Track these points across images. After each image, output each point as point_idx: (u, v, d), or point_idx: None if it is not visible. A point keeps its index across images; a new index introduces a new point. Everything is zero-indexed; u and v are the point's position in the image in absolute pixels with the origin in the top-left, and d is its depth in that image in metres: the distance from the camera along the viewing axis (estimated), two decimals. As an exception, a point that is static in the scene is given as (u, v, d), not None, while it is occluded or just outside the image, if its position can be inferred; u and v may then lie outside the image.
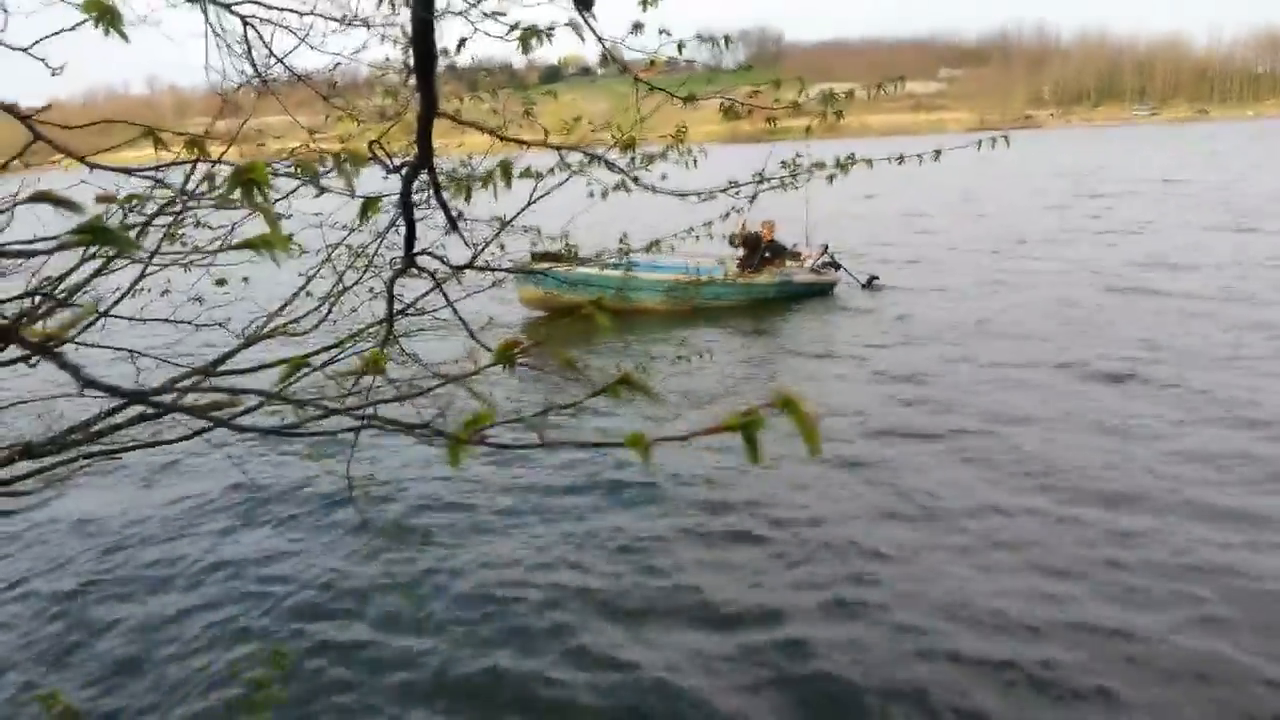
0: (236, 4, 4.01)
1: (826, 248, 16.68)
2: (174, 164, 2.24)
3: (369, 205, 1.46)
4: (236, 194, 0.78)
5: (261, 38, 4.13)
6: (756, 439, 0.80)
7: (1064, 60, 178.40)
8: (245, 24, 4.12)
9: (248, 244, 0.80)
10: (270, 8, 3.96)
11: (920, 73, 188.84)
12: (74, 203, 0.77)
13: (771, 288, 15.57)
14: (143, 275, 3.58)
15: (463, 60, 2.62)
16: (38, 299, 3.32)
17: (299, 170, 1.40)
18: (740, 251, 15.89)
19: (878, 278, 16.51)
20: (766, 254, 15.89)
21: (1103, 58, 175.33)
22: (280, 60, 4.21)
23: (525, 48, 1.43)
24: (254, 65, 4.24)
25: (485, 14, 1.71)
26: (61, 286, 3.17)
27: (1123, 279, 15.69)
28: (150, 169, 1.95)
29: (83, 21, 1.02)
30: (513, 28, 1.52)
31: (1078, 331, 12.16)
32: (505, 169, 1.66)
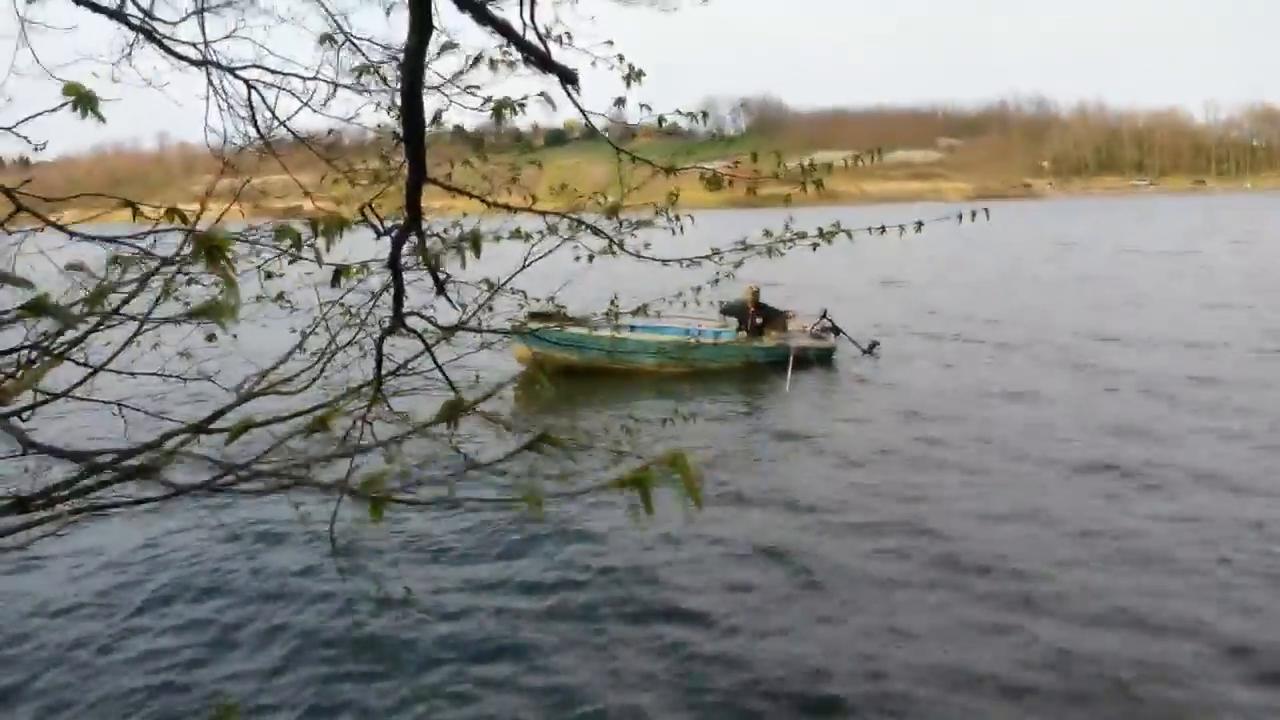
0: (241, 68, 4.12)
1: (825, 313, 16.68)
2: (155, 231, 2.28)
3: (341, 272, 1.48)
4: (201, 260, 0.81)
5: (265, 101, 4.22)
6: (649, 493, 0.82)
7: (1063, 131, 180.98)
8: (250, 87, 4.22)
9: (196, 313, 0.83)
10: (274, 72, 4.05)
11: (919, 142, 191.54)
12: (27, 282, 0.80)
13: (767, 352, 15.45)
14: (139, 332, 3.62)
15: (464, 122, 2.67)
16: (33, 354, 3.34)
17: (278, 235, 1.43)
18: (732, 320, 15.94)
19: (879, 344, 16.39)
20: (758, 319, 15.93)
21: (1101, 130, 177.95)
22: (283, 123, 4.30)
23: (499, 118, 1.47)
24: (257, 127, 4.32)
25: (460, 89, 1.76)
26: (58, 341, 3.19)
27: (1123, 355, 15.75)
28: (132, 235, 1.99)
29: (63, 104, 1.06)
30: (486, 100, 1.57)
31: (1079, 414, 12.14)
32: (475, 239, 1.69)
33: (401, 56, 1.53)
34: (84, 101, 1.05)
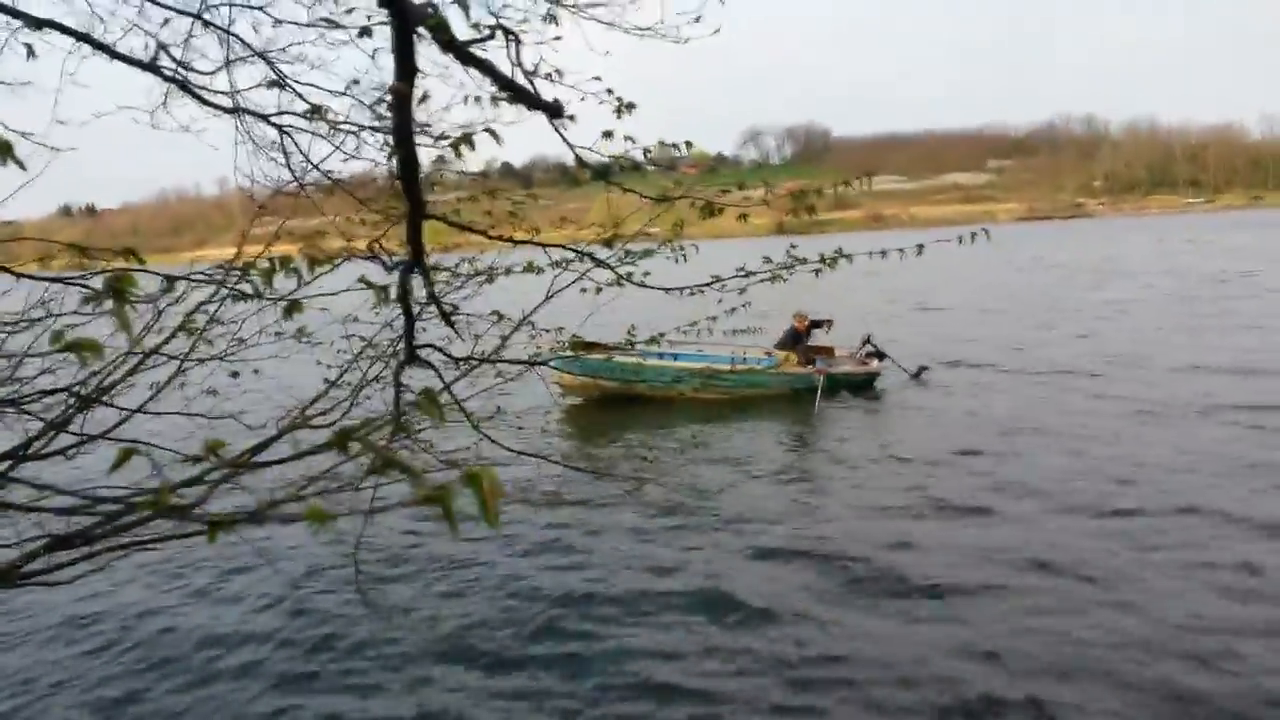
0: (273, 115, 4.27)
1: (869, 338, 16.56)
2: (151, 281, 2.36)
3: (293, 307, 1.54)
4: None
5: (296, 145, 4.37)
6: (450, 509, 0.85)
7: (1114, 150, 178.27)
8: (282, 132, 4.37)
9: (64, 347, 0.87)
10: (304, 116, 4.19)
11: (969, 164, 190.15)
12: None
13: (810, 379, 15.23)
14: (179, 372, 3.75)
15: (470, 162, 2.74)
16: (69, 399, 3.47)
17: (244, 272, 1.49)
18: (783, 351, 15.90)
19: (928, 368, 16.19)
20: (807, 344, 15.90)
21: (1154, 147, 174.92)
22: (315, 166, 4.44)
23: (458, 153, 1.53)
24: (291, 169, 4.47)
25: (432, 135, 1.82)
26: (91, 386, 3.32)
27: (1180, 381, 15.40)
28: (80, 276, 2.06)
29: None
30: (439, 138, 1.62)
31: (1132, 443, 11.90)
32: (490, 273, 1.74)
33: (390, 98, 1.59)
34: (2, 149, 1.12)
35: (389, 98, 1.65)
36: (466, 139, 1.48)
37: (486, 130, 1.49)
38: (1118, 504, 8.61)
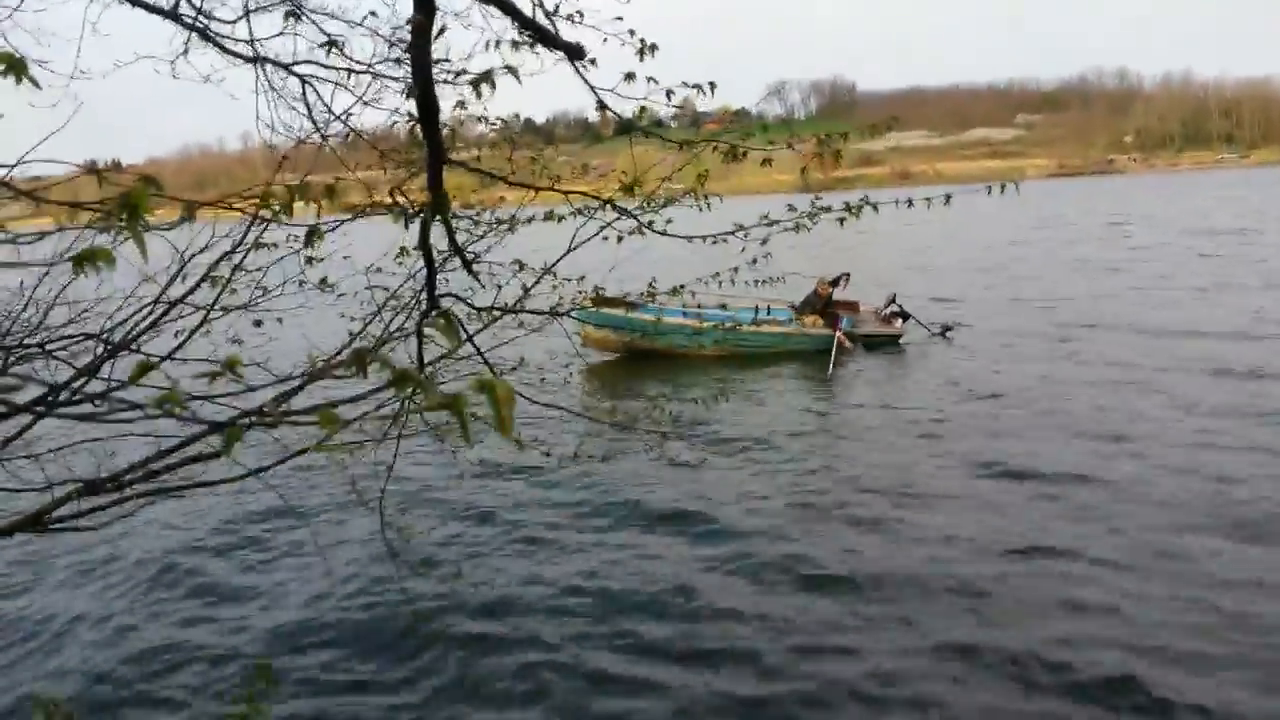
0: (295, 64, 4.22)
1: (894, 298, 16.44)
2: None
3: (313, 233, 1.52)
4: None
5: (319, 95, 4.33)
6: (464, 417, 0.85)
7: (1147, 105, 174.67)
8: (304, 83, 4.33)
9: (80, 258, 0.87)
10: (327, 66, 4.15)
11: (998, 119, 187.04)
12: None
13: (828, 339, 15.19)
14: (204, 323, 3.77)
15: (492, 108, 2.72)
16: (98, 347, 3.51)
17: (262, 201, 1.47)
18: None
19: (951, 327, 16.07)
20: (829, 308, 15.82)
21: (1188, 102, 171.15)
22: (338, 117, 4.40)
23: (478, 93, 1.50)
24: (313, 121, 4.44)
25: (457, 73, 1.80)
26: (117, 335, 3.34)
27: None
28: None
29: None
30: (459, 74, 1.60)
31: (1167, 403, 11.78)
32: (513, 222, 1.72)
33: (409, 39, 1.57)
34: (14, 68, 1.10)
35: (409, 37, 1.62)
36: (487, 77, 1.45)
37: (507, 69, 1.46)
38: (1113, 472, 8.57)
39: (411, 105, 2.97)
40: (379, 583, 6.71)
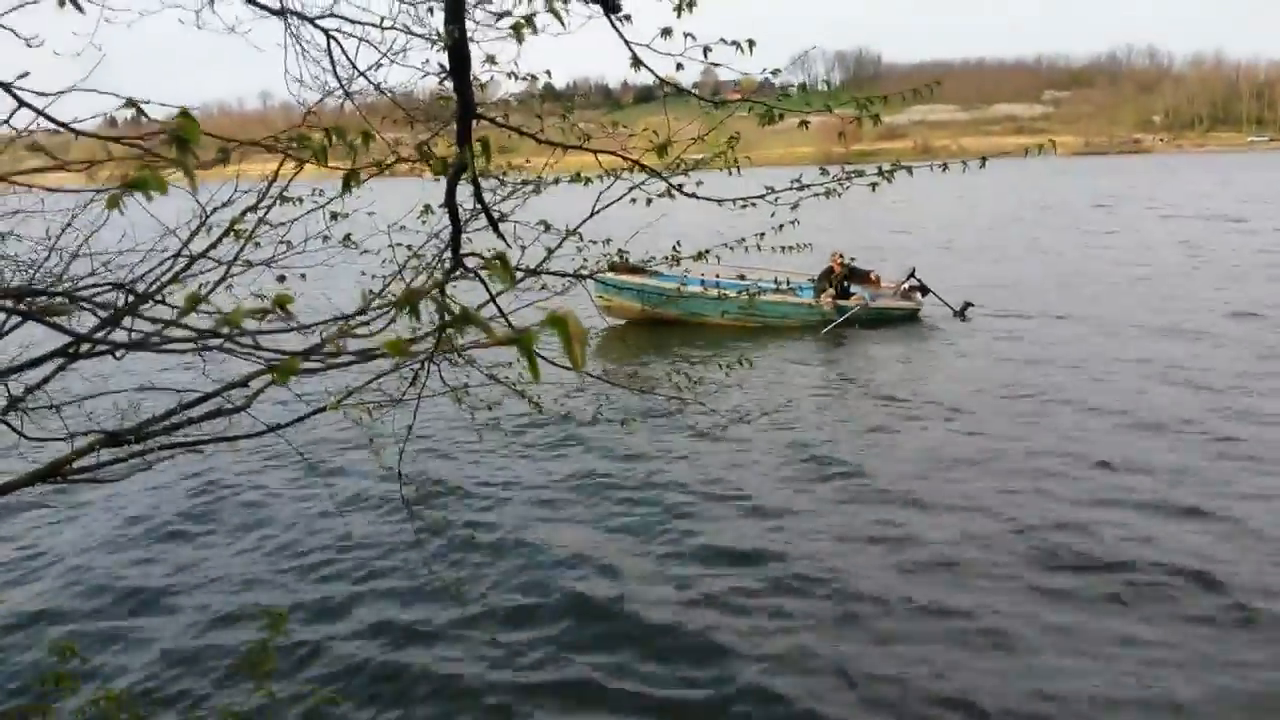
0: (320, 17, 4.18)
1: (913, 272, 16.33)
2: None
3: (350, 178, 1.50)
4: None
5: (344, 51, 4.29)
6: (532, 353, 0.83)
7: (1176, 85, 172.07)
8: (329, 37, 4.29)
9: (130, 184, 0.85)
10: (353, 21, 4.11)
11: (1024, 96, 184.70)
12: None
13: (847, 309, 15.31)
14: (226, 276, 3.76)
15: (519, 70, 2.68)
16: (123, 297, 3.50)
17: (299, 143, 1.45)
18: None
19: (972, 305, 15.96)
20: (845, 282, 15.72)
21: (1218, 82, 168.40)
22: (363, 74, 4.36)
23: (519, 37, 1.47)
24: (337, 77, 4.40)
25: (489, 11, 1.76)
26: (142, 287, 3.34)
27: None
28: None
29: None
30: (501, 15, 1.56)
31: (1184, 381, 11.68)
32: (538, 182, 1.69)
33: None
34: None
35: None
36: (529, 21, 1.42)
37: (551, 10, 1.42)
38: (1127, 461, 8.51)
39: (439, 59, 2.94)
40: (395, 541, 6.77)
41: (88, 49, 3.63)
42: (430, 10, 2.70)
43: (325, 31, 4.14)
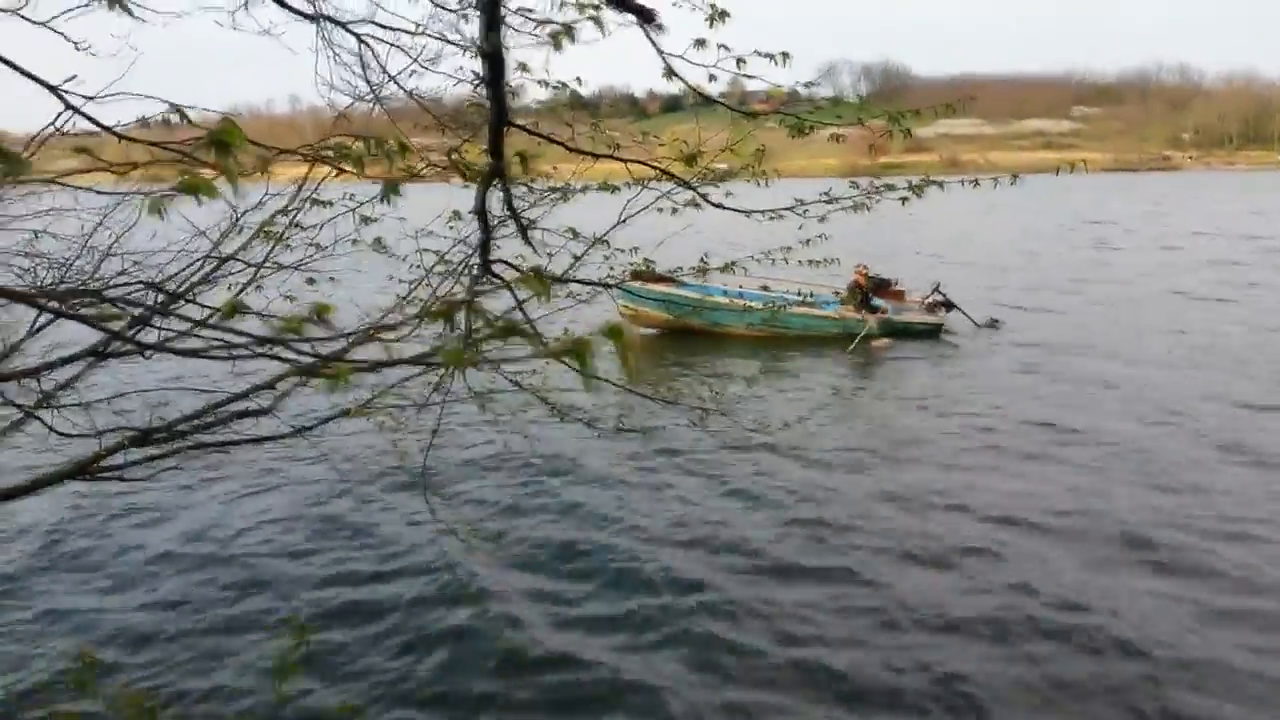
0: (353, 22, 4.21)
1: (938, 286, 16.24)
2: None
3: (389, 189, 1.51)
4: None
5: (376, 57, 4.32)
6: (588, 361, 0.84)
7: (1207, 102, 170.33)
8: (361, 42, 4.32)
9: (181, 188, 0.86)
10: (385, 27, 4.14)
11: (1053, 111, 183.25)
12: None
13: (859, 325, 15.12)
14: (255, 278, 3.79)
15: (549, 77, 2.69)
16: (156, 297, 3.53)
17: (338, 154, 1.46)
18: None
19: (999, 320, 15.86)
20: (869, 294, 15.61)
21: (1251, 100, 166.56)
22: (393, 79, 4.39)
23: (558, 45, 1.47)
24: (368, 82, 4.43)
25: (531, 18, 1.75)
26: (173, 287, 3.38)
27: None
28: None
29: None
30: (541, 23, 1.57)
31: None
32: (565, 190, 1.69)
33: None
34: None
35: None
36: (568, 30, 1.42)
37: (592, 19, 1.43)
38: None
39: (471, 66, 2.95)
40: (418, 546, 6.78)
41: (123, 50, 3.67)
42: (465, 17, 2.71)
43: (357, 36, 4.18)
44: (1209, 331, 14.83)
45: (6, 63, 1.23)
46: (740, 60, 1.88)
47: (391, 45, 4.27)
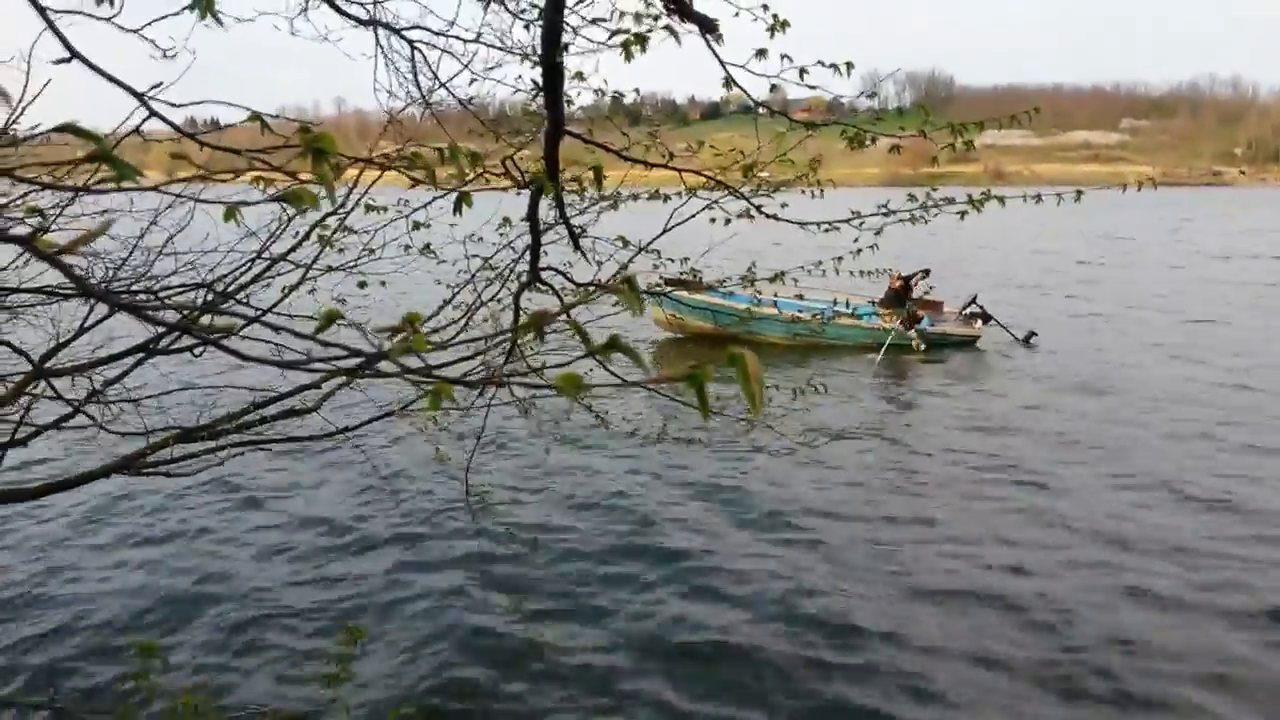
0: (406, 29, 4.24)
1: (974, 299, 16.04)
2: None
3: (463, 199, 1.50)
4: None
5: (428, 62, 4.34)
6: (704, 390, 0.81)
7: (1260, 116, 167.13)
8: (413, 48, 4.34)
9: (283, 197, 0.85)
10: (437, 33, 4.16)
11: (1101, 123, 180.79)
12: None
13: (888, 334, 15.00)
14: (304, 279, 3.82)
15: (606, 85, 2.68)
16: (207, 295, 3.57)
17: (411, 163, 1.45)
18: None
19: (1036, 334, 15.65)
20: (905, 298, 15.43)
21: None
22: (444, 85, 4.41)
23: (628, 55, 1.46)
24: (419, 88, 4.45)
25: (601, 27, 1.74)
26: (224, 286, 3.41)
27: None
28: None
29: (186, 7, 1.11)
30: (614, 33, 1.55)
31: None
32: (615, 199, 1.68)
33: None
34: (203, 3, 1.10)
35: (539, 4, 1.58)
36: (639, 39, 1.41)
37: (667, 29, 1.41)
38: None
39: (530, 75, 2.95)
40: (459, 547, 6.80)
41: (180, 51, 3.71)
42: (527, 26, 2.71)
43: (410, 43, 4.20)
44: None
45: (97, 70, 1.23)
46: (803, 70, 1.86)
47: (444, 51, 4.31)
